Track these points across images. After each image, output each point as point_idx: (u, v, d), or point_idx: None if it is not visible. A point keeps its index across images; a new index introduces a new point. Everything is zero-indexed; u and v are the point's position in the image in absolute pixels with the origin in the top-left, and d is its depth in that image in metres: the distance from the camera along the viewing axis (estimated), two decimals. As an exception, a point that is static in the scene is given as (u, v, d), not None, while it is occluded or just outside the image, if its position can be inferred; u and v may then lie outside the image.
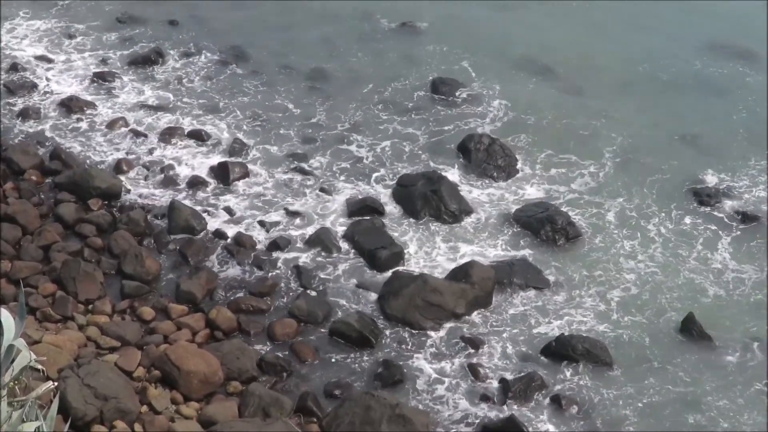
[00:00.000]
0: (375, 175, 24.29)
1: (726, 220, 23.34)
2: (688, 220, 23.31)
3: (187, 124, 25.87)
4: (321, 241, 21.64)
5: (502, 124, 26.70)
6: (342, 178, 24.13)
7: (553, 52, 30.49)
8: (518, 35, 31.66)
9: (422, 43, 30.84)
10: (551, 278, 21.08)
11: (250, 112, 26.55)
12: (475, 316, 19.94)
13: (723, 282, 21.36)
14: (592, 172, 24.87)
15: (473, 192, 23.83)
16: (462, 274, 20.29)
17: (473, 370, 18.57)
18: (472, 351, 19.08)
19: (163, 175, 23.71)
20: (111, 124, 25.53)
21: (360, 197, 23.29)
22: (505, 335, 19.61)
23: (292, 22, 31.68)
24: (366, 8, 32.68)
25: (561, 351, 18.91)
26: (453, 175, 24.27)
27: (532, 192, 24.02)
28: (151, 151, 24.60)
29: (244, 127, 25.90)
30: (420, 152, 25.30)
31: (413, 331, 19.49)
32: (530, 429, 17.31)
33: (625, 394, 18.35)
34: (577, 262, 21.71)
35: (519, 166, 24.87)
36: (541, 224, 22.29)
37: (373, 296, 20.35)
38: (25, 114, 25.65)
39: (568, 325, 19.92)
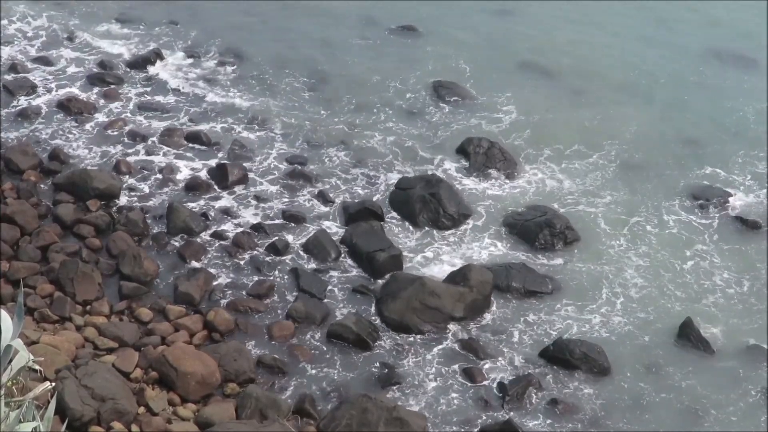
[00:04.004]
0: (374, 178, 24.28)
1: (725, 224, 23.35)
2: (687, 225, 23.32)
3: (187, 125, 25.86)
4: (319, 243, 21.62)
5: (502, 126, 26.71)
6: (341, 180, 24.12)
7: (553, 55, 30.53)
8: (517, 37, 31.70)
9: (422, 45, 30.86)
10: (549, 282, 21.08)
11: (249, 114, 26.54)
12: (473, 320, 19.94)
13: (721, 286, 21.37)
14: (591, 176, 24.89)
15: (472, 195, 23.83)
16: (460, 277, 20.29)
17: (470, 374, 18.57)
18: (469, 354, 19.07)
19: (161, 177, 23.70)
20: (110, 125, 25.52)
21: (359, 200, 23.28)
22: (502, 339, 19.61)
23: (292, 22, 31.70)
24: (365, 10, 32.71)
25: (558, 355, 18.92)
26: (452, 178, 24.28)
27: (531, 195, 24.01)
28: (150, 152, 24.59)
29: (244, 129, 25.90)
30: (419, 155, 25.31)
31: (411, 334, 19.49)
32: (527, 432, 17.35)
33: (622, 398, 18.36)
34: (575, 266, 21.71)
35: (518, 169, 24.88)
36: (539, 228, 22.29)
37: (371, 299, 20.36)
38: (24, 114, 25.63)
39: (566, 329, 19.93)
